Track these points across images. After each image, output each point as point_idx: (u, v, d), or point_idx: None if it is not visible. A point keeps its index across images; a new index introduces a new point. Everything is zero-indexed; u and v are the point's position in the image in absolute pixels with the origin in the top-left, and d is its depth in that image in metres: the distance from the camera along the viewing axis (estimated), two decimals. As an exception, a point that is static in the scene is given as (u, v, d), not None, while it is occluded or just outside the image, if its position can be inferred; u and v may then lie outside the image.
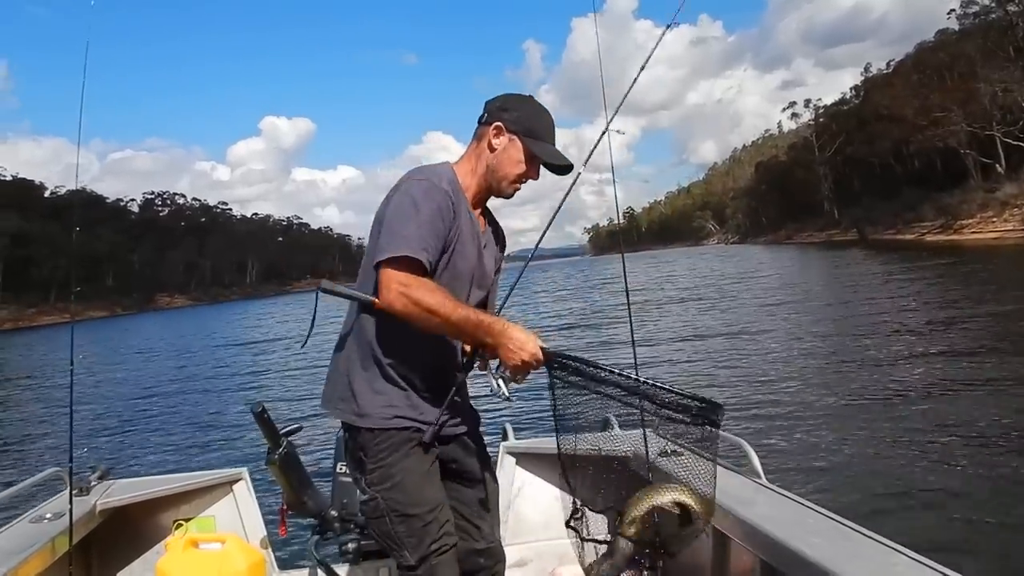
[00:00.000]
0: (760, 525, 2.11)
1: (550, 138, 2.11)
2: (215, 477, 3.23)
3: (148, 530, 3.12)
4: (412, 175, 2.02)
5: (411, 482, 2.01)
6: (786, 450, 6.98)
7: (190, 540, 2.70)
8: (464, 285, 2.09)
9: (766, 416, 8.50)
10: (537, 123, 2.09)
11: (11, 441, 11.70)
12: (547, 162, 2.10)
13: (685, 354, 13.87)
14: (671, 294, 29.82)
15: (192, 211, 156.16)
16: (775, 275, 35.10)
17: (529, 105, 2.11)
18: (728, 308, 21.88)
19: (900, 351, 11.44)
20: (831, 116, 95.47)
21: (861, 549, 1.86)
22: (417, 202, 1.93)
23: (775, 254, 64.13)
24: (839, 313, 17.61)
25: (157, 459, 9.30)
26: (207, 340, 33.54)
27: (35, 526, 2.59)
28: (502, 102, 2.11)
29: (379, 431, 2.00)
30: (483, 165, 2.10)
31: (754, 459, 2.57)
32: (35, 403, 16.62)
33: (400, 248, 1.86)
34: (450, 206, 1.96)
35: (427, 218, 1.91)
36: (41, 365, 27.28)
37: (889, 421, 7.63)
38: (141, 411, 13.75)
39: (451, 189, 1.99)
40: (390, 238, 1.90)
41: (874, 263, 34.62)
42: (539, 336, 1.92)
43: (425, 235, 1.90)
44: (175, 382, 18.27)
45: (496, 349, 1.91)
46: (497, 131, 2.08)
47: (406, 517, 1.99)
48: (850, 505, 5.21)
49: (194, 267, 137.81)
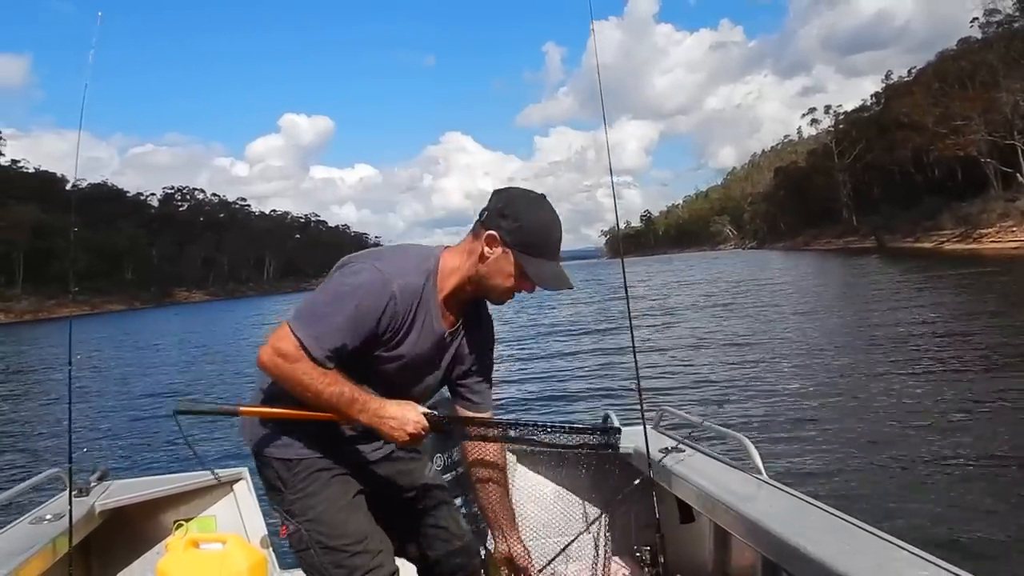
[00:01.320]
0: (761, 521, 2.10)
1: (551, 253, 1.86)
2: (215, 477, 3.20)
3: (148, 530, 3.11)
4: (375, 260, 1.85)
5: (334, 513, 1.91)
6: (788, 447, 7.00)
7: (191, 540, 2.68)
8: (406, 378, 1.94)
9: (768, 413, 8.52)
10: (537, 237, 1.84)
11: (13, 439, 11.64)
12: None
13: (690, 355, 13.86)
14: (683, 299, 29.77)
15: (211, 207, 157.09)
16: (791, 281, 34.85)
17: (532, 215, 1.84)
18: (739, 312, 21.83)
19: (908, 355, 11.39)
20: (851, 123, 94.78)
21: (862, 545, 1.85)
22: (349, 296, 1.78)
23: (792, 260, 63.69)
24: (851, 319, 17.49)
25: (157, 459, 9.30)
26: (214, 336, 33.57)
27: (35, 527, 2.58)
28: (504, 204, 1.85)
29: (296, 460, 1.92)
30: (471, 269, 1.89)
31: (755, 455, 2.55)
32: (38, 399, 16.45)
33: (309, 333, 1.75)
34: (389, 310, 1.79)
35: (349, 319, 1.76)
36: (49, 358, 27.20)
37: (892, 420, 7.63)
38: (142, 409, 13.68)
39: (402, 294, 1.80)
40: (311, 313, 1.79)
41: (891, 271, 34.28)
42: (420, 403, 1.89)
43: (339, 336, 1.76)
44: (177, 380, 18.16)
45: (376, 429, 1.83)
46: (490, 241, 1.84)
47: (331, 550, 1.87)
48: (852, 501, 5.21)
49: (212, 262, 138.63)
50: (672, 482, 2.69)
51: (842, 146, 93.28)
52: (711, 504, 2.41)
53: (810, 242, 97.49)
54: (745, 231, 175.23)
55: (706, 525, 2.69)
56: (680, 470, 2.66)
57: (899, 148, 70.30)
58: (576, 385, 12.01)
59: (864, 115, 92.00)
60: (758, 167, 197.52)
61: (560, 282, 1.86)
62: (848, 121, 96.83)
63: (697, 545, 2.78)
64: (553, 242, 1.86)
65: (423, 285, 1.85)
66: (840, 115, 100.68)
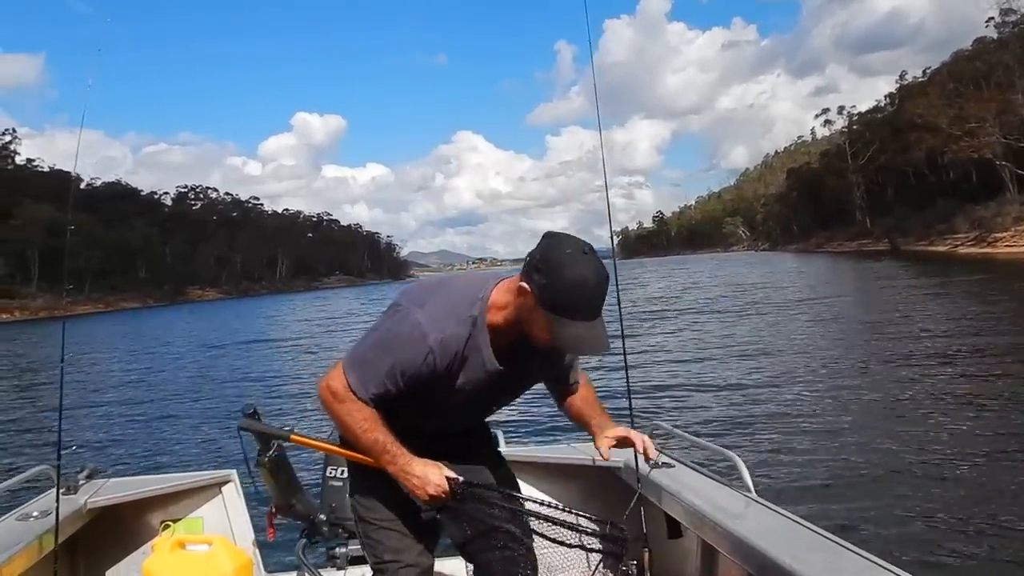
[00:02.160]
0: (749, 539, 2.10)
1: (586, 314, 1.74)
2: (204, 478, 3.22)
3: (136, 530, 3.11)
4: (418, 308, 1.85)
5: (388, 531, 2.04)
6: (778, 465, 6.97)
7: (177, 541, 2.69)
8: (468, 406, 2.01)
9: (759, 430, 8.47)
10: (567, 298, 1.72)
11: (8, 436, 11.65)
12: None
13: (685, 368, 13.73)
14: (686, 303, 29.51)
15: (224, 205, 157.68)
16: (801, 286, 34.47)
17: (565, 274, 1.71)
18: (741, 321, 21.52)
19: (910, 371, 11.20)
20: (865, 124, 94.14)
21: (850, 565, 1.85)
22: (389, 349, 1.83)
23: (805, 263, 63.32)
24: (857, 329, 17.36)
25: (146, 458, 9.29)
26: (216, 336, 33.49)
27: (21, 524, 2.58)
28: (541, 255, 1.76)
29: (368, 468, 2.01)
30: (513, 313, 1.84)
31: (745, 473, 2.56)
32: (44, 396, 16.41)
33: (356, 376, 1.84)
34: (428, 364, 1.81)
35: (389, 371, 1.82)
36: (48, 357, 27.42)
37: (885, 439, 7.58)
38: (133, 409, 13.68)
39: (441, 347, 1.81)
40: (360, 357, 1.88)
41: (903, 276, 33.83)
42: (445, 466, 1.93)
43: (383, 384, 1.84)
44: (171, 380, 18.12)
45: (401, 482, 1.91)
46: (523, 292, 1.78)
47: (379, 562, 2.05)
48: (840, 521, 5.20)
49: (225, 261, 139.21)
50: (661, 497, 2.69)
51: (855, 147, 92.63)
52: (699, 520, 2.41)
53: (823, 244, 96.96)
54: (758, 233, 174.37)
55: (694, 541, 2.68)
56: (669, 485, 2.67)
57: (913, 149, 69.70)
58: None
59: (878, 116, 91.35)
60: (771, 168, 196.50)
61: (592, 347, 1.78)
62: (862, 122, 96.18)
63: (684, 561, 2.78)
64: (587, 303, 1.74)
65: (468, 334, 1.84)
66: (853, 116, 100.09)
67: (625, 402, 3.01)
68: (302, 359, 21.20)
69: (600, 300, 1.77)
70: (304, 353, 22.94)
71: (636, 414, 3.00)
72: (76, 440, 10.26)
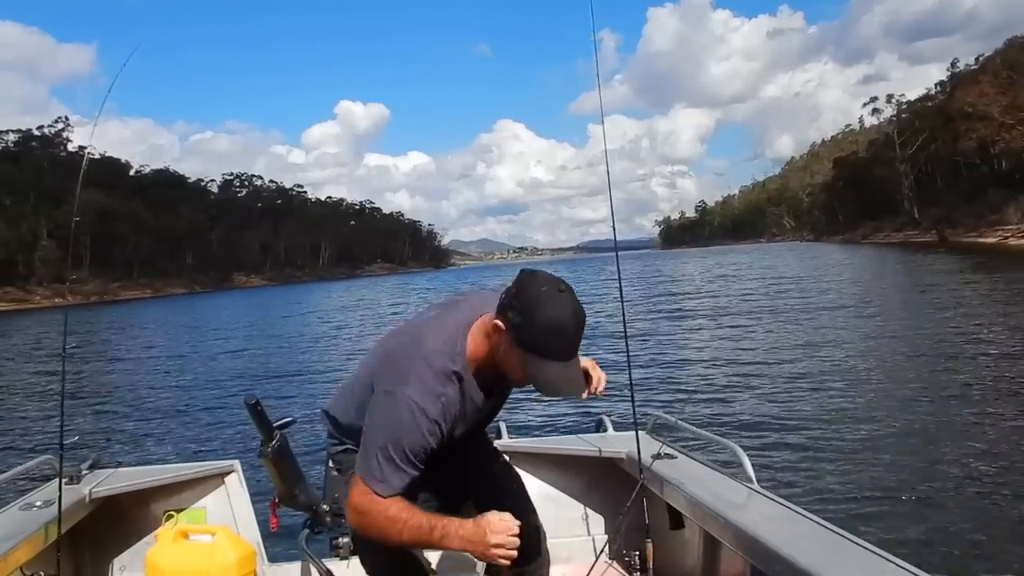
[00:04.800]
0: (750, 529, 2.09)
1: (562, 354, 1.73)
2: (207, 469, 3.23)
3: (139, 520, 3.12)
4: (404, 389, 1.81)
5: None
6: (781, 455, 6.94)
7: (180, 531, 2.67)
8: (453, 446, 2.01)
9: (762, 420, 8.42)
10: (543, 337, 1.70)
11: (10, 425, 11.68)
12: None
13: (693, 359, 13.65)
14: (709, 300, 28.27)
15: (268, 193, 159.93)
16: (846, 279, 33.50)
17: (542, 312, 1.69)
18: (764, 315, 20.62)
19: (930, 366, 10.91)
20: (914, 112, 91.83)
21: (852, 557, 1.84)
22: (397, 443, 1.79)
23: (850, 254, 61.97)
24: (893, 323, 16.70)
25: (150, 448, 9.33)
26: (231, 326, 33.43)
27: (25, 513, 2.59)
28: (517, 291, 1.74)
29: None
30: (489, 354, 1.85)
31: (746, 464, 2.55)
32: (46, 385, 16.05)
33: (376, 481, 1.81)
34: (437, 434, 1.83)
35: (404, 460, 1.80)
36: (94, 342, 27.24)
37: (889, 432, 7.51)
38: (139, 398, 13.65)
39: (443, 414, 1.83)
40: (374, 463, 1.81)
41: (953, 269, 32.62)
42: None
43: (404, 475, 1.81)
44: (178, 370, 18.10)
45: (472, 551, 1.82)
46: (497, 330, 1.76)
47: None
48: (843, 513, 5.20)
49: (269, 248, 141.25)
50: (663, 488, 2.70)
51: (904, 136, 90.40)
52: (701, 511, 2.42)
53: (869, 235, 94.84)
54: (802, 223, 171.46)
55: (696, 532, 2.67)
56: (671, 476, 2.67)
57: (964, 139, 67.88)
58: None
59: (928, 104, 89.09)
60: (817, 157, 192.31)
61: (565, 388, 1.77)
62: (911, 110, 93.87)
63: (686, 551, 2.77)
64: (563, 343, 1.72)
65: (458, 390, 1.86)
66: (903, 104, 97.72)
67: (627, 393, 3.01)
68: (302, 355, 20.46)
69: (576, 341, 1.75)
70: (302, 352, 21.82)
71: (638, 405, 3.00)
72: (80, 430, 10.36)
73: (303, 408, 10.90)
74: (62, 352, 2.75)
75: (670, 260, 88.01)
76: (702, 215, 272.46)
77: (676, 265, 71.89)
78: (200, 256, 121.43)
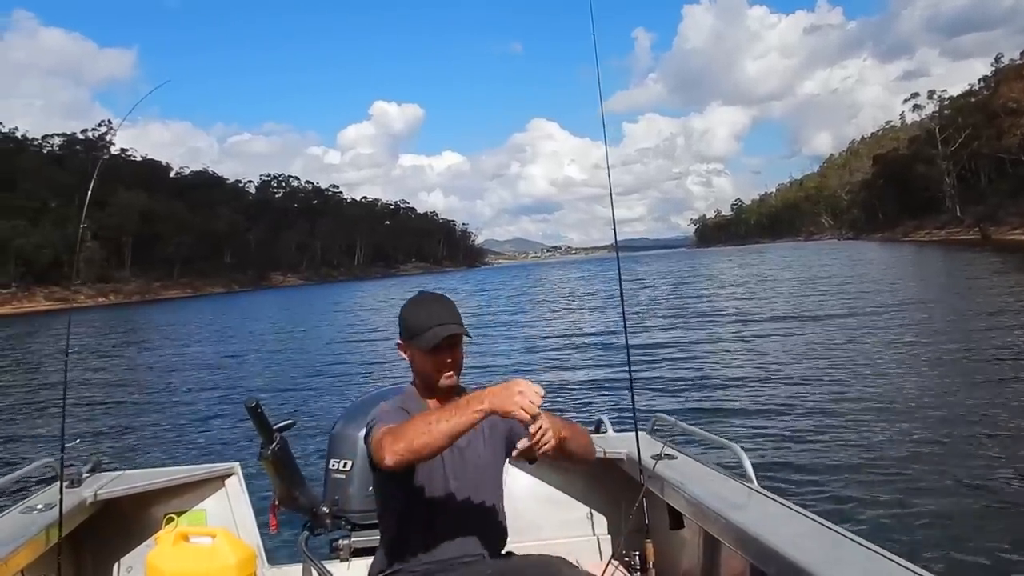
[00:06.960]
0: (751, 530, 2.09)
1: (433, 318, 2.08)
2: (207, 471, 3.23)
3: (139, 523, 3.12)
4: (384, 403, 2.16)
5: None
6: (781, 455, 6.93)
7: (180, 534, 2.67)
8: (438, 473, 2.12)
9: (762, 420, 8.41)
10: (416, 320, 2.10)
11: (13, 428, 11.76)
12: (438, 344, 2.06)
13: (695, 361, 13.61)
14: (726, 301, 27.28)
15: (305, 193, 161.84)
16: (886, 280, 32.73)
17: (409, 309, 2.16)
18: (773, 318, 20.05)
19: (942, 368, 10.75)
20: (957, 108, 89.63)
21: (852, 556, 1.84)
22: (386, 408, 2.08)
23: (890, 252, 60.82)
24: (903, 320, 16.48)
25: (151, 451, 9.41)
26: (237, 328, 33.44)
27: (25, 516, 2.59)
28: (399, 317, 2.17)
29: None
30: (415, 373, 2.20)
31: (747, 464, 2.55)
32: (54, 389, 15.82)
33: (383, 426, 1.95)
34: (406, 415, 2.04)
35: (392, 411, 2.06)
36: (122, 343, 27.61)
37: (887, 431, 7.48)
38: (140, 401, 13.73)
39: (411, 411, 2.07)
40: (375, 431, 1.99)
41: (991, 267, 31.92)
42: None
43: (394, 416, 2.02)
44: (179, 372, 18.17)
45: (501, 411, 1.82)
46: (399, 349, 2.20)
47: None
48: (842, 513, 5.19)
49: (305, 248, 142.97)
50: (663, 488, 2.70)
51: (946, 133, 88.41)
52: (701, 511, 2.42)
53: (910, 233, 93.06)
54: (841, 220, 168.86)
55: (696, 532, 2.68)
56: (672, 476, 2.68)
57: (1008, 135, 66.36)
58: (577, 384, 11.99)
59: (971, 100, 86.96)
60: (856, 154, 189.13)
61: (448, 330, 2.06)
62: (953, 106, 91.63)
63: (686, 552, 2.79)
64: (430, 315, 2.09)
65: (416, 408, 2.11)
66: (945, 100, 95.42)
67: (627, 393, 3.02)
68: (305, 356, 20.42)
69: (439, 310, 2.11)
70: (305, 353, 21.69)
71: (639, 406, 3.01)
72: (84, 432, 10.44)
73: (304, 410, 11.02)
74: (64, 355, 2.72)
75: (701, 259, 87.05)
76: (738, 213, 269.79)
77: (705, 264, 71.29)
78: (238, 256, 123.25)
